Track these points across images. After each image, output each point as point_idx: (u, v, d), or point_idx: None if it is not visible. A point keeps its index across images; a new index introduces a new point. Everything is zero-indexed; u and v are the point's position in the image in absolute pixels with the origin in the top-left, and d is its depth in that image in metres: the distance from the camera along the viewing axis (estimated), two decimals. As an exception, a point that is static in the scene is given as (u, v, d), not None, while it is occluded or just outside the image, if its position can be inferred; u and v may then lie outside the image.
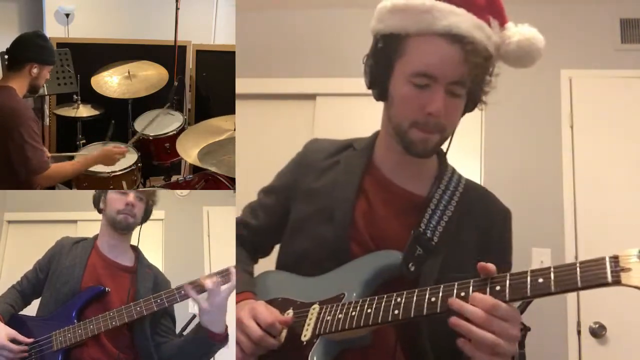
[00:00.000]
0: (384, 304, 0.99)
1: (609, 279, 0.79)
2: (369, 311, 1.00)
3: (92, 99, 3.01)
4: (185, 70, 3.29)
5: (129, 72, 3.01)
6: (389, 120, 1.17)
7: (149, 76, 3.04)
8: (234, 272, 1.33)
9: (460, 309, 0.89)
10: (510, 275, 0.89)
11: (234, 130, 2.61)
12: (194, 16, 3.40)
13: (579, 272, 0.82)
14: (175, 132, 2.87)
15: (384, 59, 1.12)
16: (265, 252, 1.39)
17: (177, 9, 3.05)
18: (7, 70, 2.11)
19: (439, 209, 1.16)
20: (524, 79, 2.65)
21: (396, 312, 0.96)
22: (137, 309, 1.46)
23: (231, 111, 2.76)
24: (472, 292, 0.90)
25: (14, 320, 1.56)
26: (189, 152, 2.52)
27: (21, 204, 3.06)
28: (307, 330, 1.06)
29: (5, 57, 2.13)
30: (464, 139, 1.20)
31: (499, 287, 0.88)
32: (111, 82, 2.99)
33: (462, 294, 0.91)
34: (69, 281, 1.55)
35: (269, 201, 1.35)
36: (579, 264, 0.82)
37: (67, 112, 2.98)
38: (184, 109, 3.21)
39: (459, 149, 1.20)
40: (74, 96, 2.97)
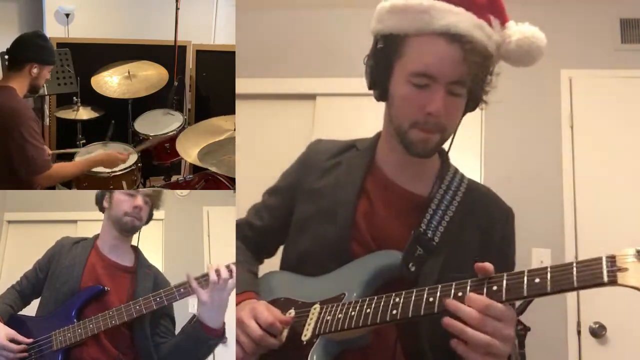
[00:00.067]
0: (382, 304, 0.99)
1: (605, 279, 0.79)
2: (368, 311, 1.00)
3: (92, 100, 3.00)
4: (185, 70, 3.29)
5: (129, 72, 3.01)
6: (389, 120, 1.17)
7: (149, 76, 3.03)
8: (234, 270, 1.33)
9: (455, 310, 0.89)
10: (507, 275, 0.89)
11: (234, 130, 2.61)
12: (194, 16, 3.40)
13: (576, 272, 0.81)
14: (175, 132, 2.87)
15: (383, 60, 1.12)
16: (269, 252, 1.38)
17: (177, 9, 3.05)
18: (7, 70, 2.11)
19: (441, 209, 1.15)
20: (524, 79, 2.64)
21: (394, 312, 0.96)
22: (137, 307, 1.46)
23: (231, 111, 2.76)
24: (469, 292, 0.90)
25: (13, 320, 1.56)
26: (189, 152, 2.52)
27: (21, 204, 3.06)
28: (308, 330, 1.07)
29: (5, 57, 2.14)
30: (464, 139, 1.19)
31: (495, 287, 0.88)
32: (111, 82, 2.99)
33: (460, 294, 0.91)
34: (68, 281, 1.55)
35: (273, 202, 1.35)
36: (575, 264, 0.82)
37: (67, 114, 2.97)
38: (184, 109, 3.21)
39: (459, 149, 1.20)
40: (74, 98, 2.97)
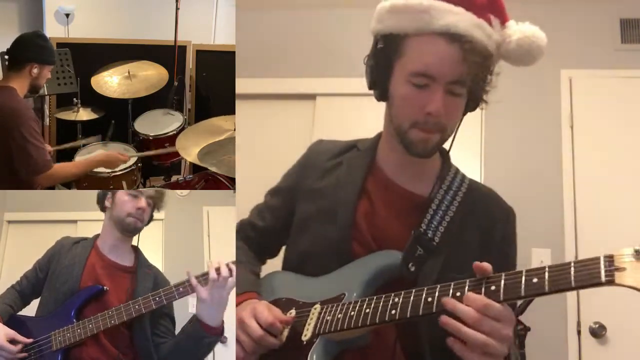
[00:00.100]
0: (381, 304, 0.99)
1: (603, 279, 0.78)
2: (367, 311, 1.00)
3: (92, 100, 3.00)
4: (185, 70, 3.29)
5: (129, 72, 3.01)
6: (390, 120, 1.17)
7: (149, 76, 3.03)
8: (234, 268, 1.33)
9: (453, 309, 0.89)
10: (505, 275, 0.88)
11: (234, 130, 2.61)
12: (194, 16, 3.40)
13: (573, 272, 0.81)
14: (175, 132, 2.87)
15: (383, 60, 1.12)
16: (272, 253, 1.39)
17: (177, 9, 3.04)
18: (7, 70, 2.11)
19: (441, 209, 1.15)
20: (524, 79, 2.65)
21: (393, 312, 0.96)
22: (136, 307, 1.45)
23: (231, 111, 2.75)
24: (467, 291, 0.90)
25: (13, 320, 1.56)
26: (189, 152, 2.52)
27: (21, 204, 3.06)
28: (308, 330, 1.07)
29: (5, 57, 2.14)
30: (464, 139, 1.19)
31: (494, 287, 0.88)
32: (111, 82, 2.99)
33: (458, 294, 0.91)
34: (67, 281, 1.55)
35: (275, 202, 1.35)
36: (573, 264, 0.82)
37: (67, 115, 2.97)
38: (184, 109, 3.21)
39: (458, 148, 1.20)
40: (74, 99, 2.97)
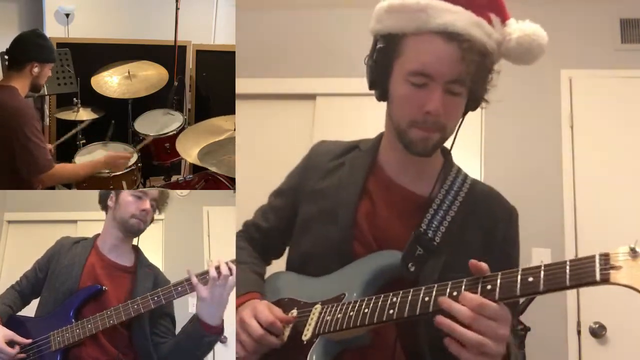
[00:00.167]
0: (380, 303, 0.99)
1: (598, 277, 0.78)
2: (366, 311, 1.00)
3: (92, 100, 3.00)
4: (185, 70, 3.29)
5: (129, 72, 3.01)
6: (390, 120, 1.17)
7: (149, 76, 3.03)
8: (234, 268, 1.33)
9: (449, 308, 0.89)
10: (501, 274, 0.88)
11: (234, 130, 2.61)
12: (194, 16, 3.40)
13: (568, 271, 0.81)
14: (175, 132, 2.86)
15: (383, 59, 1.12)
16: (276, 253, 1.38)
17: (177, 9, 3.04)
18: (7, 70, 2.11)
19: (442, 209, 1.15)
20: (524, 79, 2.65)
21: (391, 311, 0.96)
22: (135, 306, 1.45)
23: (231, 111, 2.75)
24: (464, 291, 0.90)
25: (12, 321, 1.56)
26: (189, 152, 2.52)
27: (21, 204, 3.06)
28: (308, 330, 1.07)
29: (5, 57, 2.14)
30: (464, 139, 1.19)
31: (490, 286, 0.88)
32: (111, 82, 2.99)
33: (455, 294, 0.90)
34: (67, 280, 1.55)
35: (278, 203, 1.35)
36: (569, 263, 0.82)
37: (67, 115, 2.97)
38: (184, 109, 3.21)
39: (459, 147, 1.20)
40: (74, 99, 2.96)
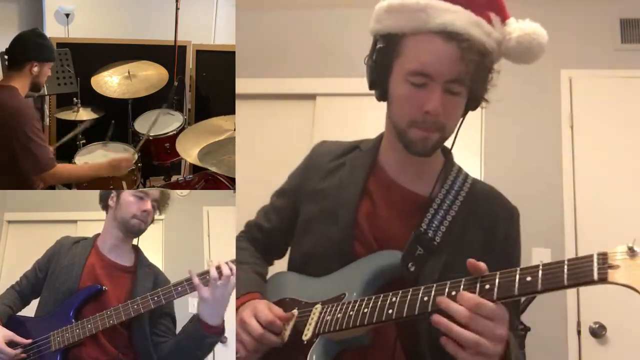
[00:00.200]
0: (379, 303, 0.99)
1: (595, 277, 0.78)
2: (365, 311, 1.00)
3: (92, 100, 3.00)
4: (185, 70, 3.29)
5: (129, 72, 3.01)
6: (390, 120, 1.17)
7: (149, 76, 3.03)
8: (234, 268, 1.33)
9: (446, 308, 0.89)
10: (500, 273, 0.88)
11: (234, 130, 2.61)
12: (194, 16, 3.40)
13: (566, 270, 0.81)
14: (175, 132, 2.87)
15: (383, 59, 1.12)
16: (278, 254, 1.38)
17: (177, 9, 3.05)
18: (7, 70, 2.11)
19: (443, 209, 1.14)
20: (524, 79, 2.65)
21: (390, 311, 0.96)
22: (134, 306, 1.45)
23: (231, 111, 2.75)
24: (462, 290, 0.89)
25: (12, 321, 1.56)
26: (189, 152, 2.52)
27: (21, 204, 3.06)
28: (309, 329, 1.07)
29: (5, 57, 2.14)
30: (464, 139, 1.19)
31: (488, 286, 0.88)
32: (111, 82, 2.99)
33: (453, 293, 0.90)
34: (67, 280, 1.55)
35: (280, 203, 1.35)
36: (567, 262, 0.81)
37: (67, 115, 2.97)
38: (184, 109, 3.21)
39: (459, 147, 1.20)
40: (74, 99, 2.96)
